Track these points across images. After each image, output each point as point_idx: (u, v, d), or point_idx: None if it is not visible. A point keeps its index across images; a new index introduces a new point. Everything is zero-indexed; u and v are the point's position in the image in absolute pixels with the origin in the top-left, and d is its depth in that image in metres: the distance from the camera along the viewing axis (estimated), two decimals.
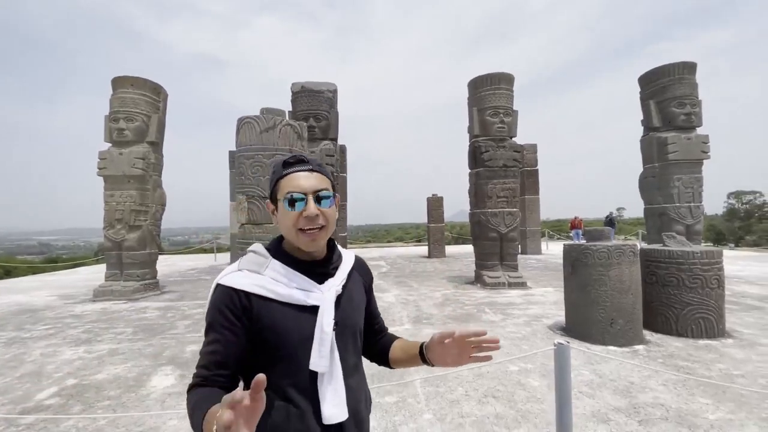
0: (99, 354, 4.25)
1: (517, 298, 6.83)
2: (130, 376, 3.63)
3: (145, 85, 8.15)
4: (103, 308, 6.71)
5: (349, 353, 1.00)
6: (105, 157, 7.80)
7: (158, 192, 8.40)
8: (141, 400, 3.12)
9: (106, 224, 7.84)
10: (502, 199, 8.11)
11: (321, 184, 0.95)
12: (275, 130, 4.04)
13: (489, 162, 8.06)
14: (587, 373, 3.50)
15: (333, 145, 8.24)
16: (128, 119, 7.85)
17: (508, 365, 3.67)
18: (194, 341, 4.65)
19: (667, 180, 8.29)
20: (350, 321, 1.02)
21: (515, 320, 5.35)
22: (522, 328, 4.94)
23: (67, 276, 11.69)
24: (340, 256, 1.08)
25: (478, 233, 8.40)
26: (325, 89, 8.24)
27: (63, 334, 5.10)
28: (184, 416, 2.83)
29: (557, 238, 24.37)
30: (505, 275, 8.03)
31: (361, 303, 1.09)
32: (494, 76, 8.14)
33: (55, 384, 3.47)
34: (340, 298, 1.00)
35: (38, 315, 6.28)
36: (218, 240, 20.72)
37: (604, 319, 4.22)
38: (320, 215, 0.93)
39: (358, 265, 1.13)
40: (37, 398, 3.19)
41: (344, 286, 1.02)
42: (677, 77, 8.26)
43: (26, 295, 8.21)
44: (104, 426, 2.72)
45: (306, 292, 0.94)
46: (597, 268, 4.27)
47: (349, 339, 1.01)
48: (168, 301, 7.28)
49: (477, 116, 8.25)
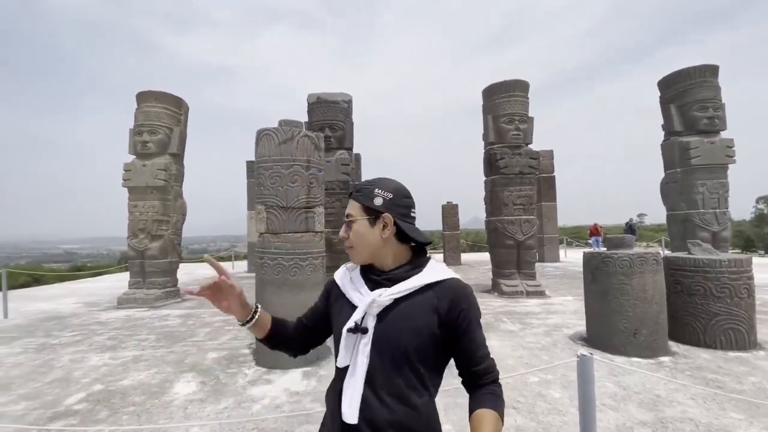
0: (124, 360, 4.37)
1: (536, 307, 6.71)
2: (154, 382, 3.72)
3: (168, 98, 8.44)
4: (127, 315, 6.90)
5: (386, 369, 0.98)
6: (129, 169, 8.08)
7: (179, 202, 8.64)
8: (164, 407, 3.19)
9: (129, 234, 8.09)
10: (519, 207, 8.02)
11: (349, 210, 1.10)
12: (293, 142, 4.12)
13: (505, 169, 8.01)
14: (611, 385, 3.41)
15: (348, 154, 8.33)
16: (151, 132, 8.13)
17: (529, 376, 3.61)
18: (214, 348, 4.73)
19: (691, 185, 8.05)
20: (391, 337, 0.99)
21: (534, 330, 5.26)
22: (542, 338, 4.85)
23: (92, 284, 12.06)
24: (413, 271, 1.06)
25: (494, 241, 8.32)
26: (340, 99, 8.36)
27: (89, 340, 5.26)
28: (207, 422, 2.89)
29: (576, 245, 23.86)
30: (523, 283, 7.91)
31: (421, 326, 1.00)
32: (509, 83, 8.12)
33: (82, 389, 3.58)
34: (388, 310, 1.02)
35: (65, 322, 6.50)
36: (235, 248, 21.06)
37: (626, 330, 4.11)
38: (346, 237, 1.09)
39: (444, 290, 1.02)
40: (66, 403, 3.29)
41: (400, 299, 1.02)
42: (699, 80, 8.07)
43: (54, 303, 8.51)
44: (130, 431, 2.79)
45: (358, 293, 1.08)
46: (618, 277, 4.17)
47: (387, 355, 0.98)
48: (188, 308, 7.43)
49: (492, 123, 8.23)
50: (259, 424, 2.85)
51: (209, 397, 3.37)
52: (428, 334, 0.99)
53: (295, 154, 4.17)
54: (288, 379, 3.74)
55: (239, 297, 1.10)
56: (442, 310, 1.00)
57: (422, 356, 0.99)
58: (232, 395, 3.39)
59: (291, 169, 4.15)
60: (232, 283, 1.08)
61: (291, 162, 4.16)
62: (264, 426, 2.83)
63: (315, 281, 4.25)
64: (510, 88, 8.11)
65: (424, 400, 0.99)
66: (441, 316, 0.99)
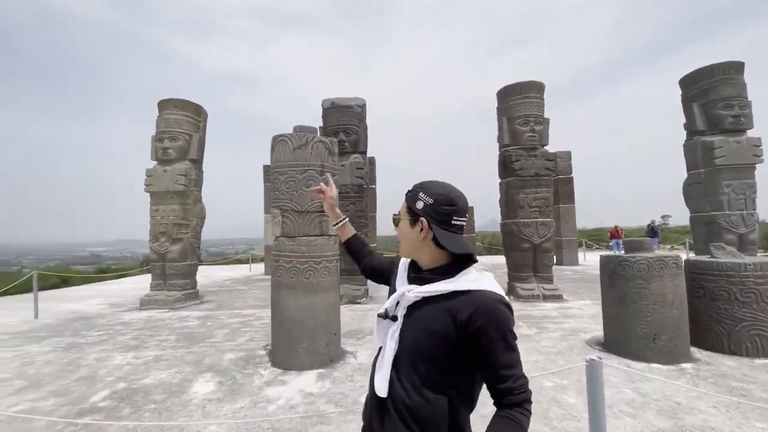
0: (146, 360, 4.52)
1: (553, 311, 6.61)
2: (174, 381, 3.84)
3: (187, 106, 8.70)
4: (149, 316, 7.12)
5: (407, 360, 1.07)
6: (151, 175, 8.36)
7: (198, 206, 8.87)
8: (184, 405, 3.29)
9: (151, 237, 8.36)
10: (535, 209, 7.92)
11: (399, 209, 1.21)
12: (307, 147, 4.21)
13: (520, 171, 7.93)
14: (628, 391, 3.34)
15: (362, 158, 8.41)
16: (172, 138, 8.39)
17: (543, 381, 3.56)
18: (231, 349, 4.85)
19: (716, 186, 7.79)
20: (413, 332, 1.08)
21: (550, 334, 5.18)
22: (557, 343, 4.78)
23: (116, 285, 12.49)
24: (444, 276, 1.08)
25: (510, 244, 8.24)
26: (354, 104, 8.45)
27: (114, 340, 5.46)
28: (224, 421, 2.97)
29: (596, 248, 23.30)
30: (540, 287, 7.80)
31: (437, 329, 1.03)
32: (524, 84, 8.05)
33: (107, 387, 3.73)
34: (417, 307, 1.10)
35: (92, 322, 6.76)
36: (252, 251, 21.42)
37: (646, 335, 4.01)
38: (398, 234, 1.21)
39: (468, 301, 1.02)
40: (92, 400, 3.44)
41: (429, 299, 1.08)
42: (723, 77, 7.81)
43: (81, 304, 8.85)
44: (151, 428, 2.90)
45: (400, 282, 1.21)
46: (637, 281, 4.08)
47: (409, 348, 1.08)
48: (207, 310, 7.61)
49: (506, 125, 8.17)
50: (274, 424, 2.91)
51: (226, 396, 3.46)
52: (442, 339, 1.01)
53: (309, 159, 4.25)
54: (303, 380, 3.80)
55: (332, 202, 1.64)
56: (460, 320, 1.00)
57: (435, 358, 1.03)
58: (249, 395, 3.47)
59: (305, 173, 4.23)
60: (332, 195, 1.65)
61: (305, 167, 4.24)
62: (279, 426, 2.88)
63: (329, 284, 4.31)
64: (525, 89, 8.04)
65: (438, 398, 1.03)
66: (458, 326, 1.00)
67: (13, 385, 3.85)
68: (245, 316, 6.90)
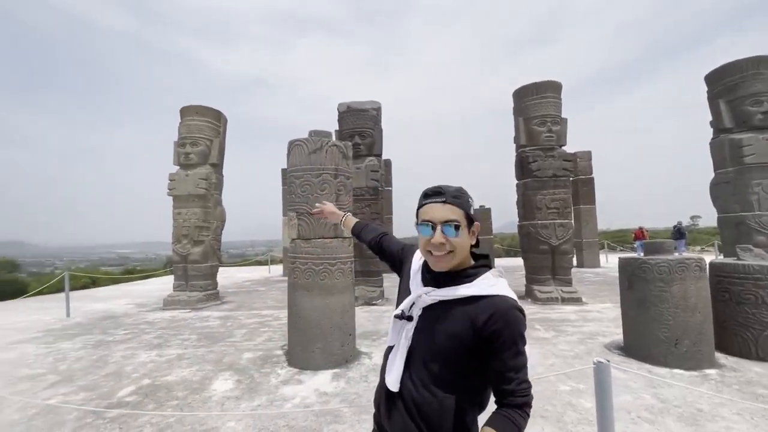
0: (168, 358, 4.69)
1: (572, 315, 6.49)
2: (195, 379, 3.98)
3: (208, 112, 8.98)
4: (172, 316, 7.37)
5: (420, 358, 1.12)
6: (174, 179, 8.66)
7: (219, 209, 9.13)
8: (204, 402, 3.41)
9: (174, 239, 8.65)
10: (553, 210, 7.80)
11: (450, 215, 1.09)
12: (322, 151, 4.29)
13: (537, 172, 7.83)
14: (648, 396, 3.26)
15: (378, 161, 8.47)
16: (193, 144, 8.67)
17: (559, 384, 3.52)
18: (250, 349, 4.97)
19: (745, 186, 7.46)
20: (429, 334, 1.11)
21: (568, 338, 5.09)
22: (575, 347, 4.70)
23: (142, 286, 12.95)
24: (465, 279, 1.11)
25: (527, 246, 8.13)
26: (369, 107, 8.53)
27: (139, 338, 5.68)
28: (242, 418, 3.06)
29: (620, 249, 22.63)
30: (558, 290, 7.66)
31: (455, 332, 1.06)
32: (540, 84, 7.95)
33: (133, 383, 3.89)
34: (433, 309, 1.12)
35: (119, 321, 7.05)
36: (272, 253, 21.80)
37: (667, 339, 3.90)
38: (447, 243, 1.08)
39: (486, 305, 1.05)
40: (119, 395, 3.60)
41: (445, 303, 1.10)
42: (751, 73, 7.49)
43: (108, 303, 9.23)
44: (173, 423, 3.02)
45: (415, 283, 1.21)
46: (657, 284, 3.98)
47: (422, 347, 1.11)
48: (227, 310, 7.82)
49: (523, 126, 8.08)
50: (289, 422, 2.98)
51: (244, 394, 3.56)
52: (460, 342, 1.05)
53: (324, 163, 4.34)
54: (318, 380, 3.87)
55: (332, 210, 1.89)
56: (478, 324, 1.03)
57: (448, 359, 1.07)
58: (266, 393, 3.56)
59: (320, 177, 4.32)
60: (331, 211, 1.90)
61: (320, 170, 4.32)
62: (294, 424, 2.96)
63: (344, 285, 4.37)
64: (541, 89, 7.94)
65: (446, 396, 1.07)
66: (476, 330, 1.03)
67: (48, 380, 4.07)
68: (263, 317, 7.05)
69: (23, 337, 5.98)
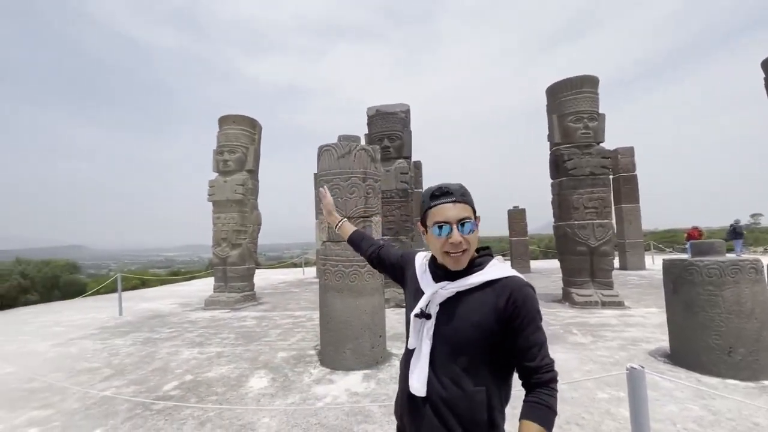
0: (209, 356, 4.94)
1: (612, 319, 6.17)
2: (233, 376, 4.16)
3: (244, 121, 9.39)
4: (212, 316, 7.74)
5: (445, 355, 1.10)
6: (213, 185, 9.11)
7: (255, 213, 9.50)
8: (241, 398, 3.57)
9: (214, 243, 9.09)
10: (591, 210, 7.46)
11: (463, 213, 1.11)
12: (351, 155, 4.37)
13: (573, 170, 7.53)
14: (696, 408, 3.05)
15: (407, 163, 8.48)
16: (231, 151, 9.09)
17: (596, 392, 3.37)
18: (284, 348, 5.13)
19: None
20: (451, 327, 1.10)
21: (608, 343, 4.86)
22: (616, 353, 4.47)
23: (186, 287, 13.69)
24: (475, 268, 1.14)
25: (564, 247, 7.83)
26: (398, 110, 8.57)
27: (182, 337, 6.02)
28: (276, 415, 3.17)
29: (669, 251, 21.20)
30: (598, 293, 7.31)
31: (479, 320, 1.07)
32: (575, 80, 7.65)
33: (176, 378, 4.14)
34: (451, 302, 1.13)
35: (165, 320, 7.50)
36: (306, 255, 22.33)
37: (718, 347, 3.63)
38: (463, 241, 1.10)
39: (503, 287, 1.08)
40: (164, 389, 3.84)
41: (462, 293, 1.11)
42: None
43: (156, 303, 9.84)
44: (213, 417, 3.18)
45: (424, 283, 1.21)
46: (706, 287, 3.71)
47: (448, 343, 1.10)
48: (263, 311, 8.10)
49: (557, 123, 7.80)
50: (321, 420, 3.06)
51: (279, 392, 3.69)
52: (485, 328, 1.06)
53: (352, 167, 4.42)
54: (349, 380, 3.93)
55: (330, 207, 1.83)
56: (500, 306, 1.06)
57: (478, 349, 1.07)
58: (299, 392, 3.67)
59: (349, 181, 4.40)
60: (329, 201, 1.84)
61: (349, 174, 4.40)
62: (326, 422, 3.03)
63: (373, 287, 4.42)
64: (576, 84, 7.63)
65: (477, 390, 1.07)
66: (499, 312, 1.06)
67: (103, 373, 4.41)
68: (297, 317, 7.25)
69: (82, 334, 6.51)
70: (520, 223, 14.97)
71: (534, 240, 23.97)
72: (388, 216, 8.01)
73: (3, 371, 4.54)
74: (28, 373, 4.38)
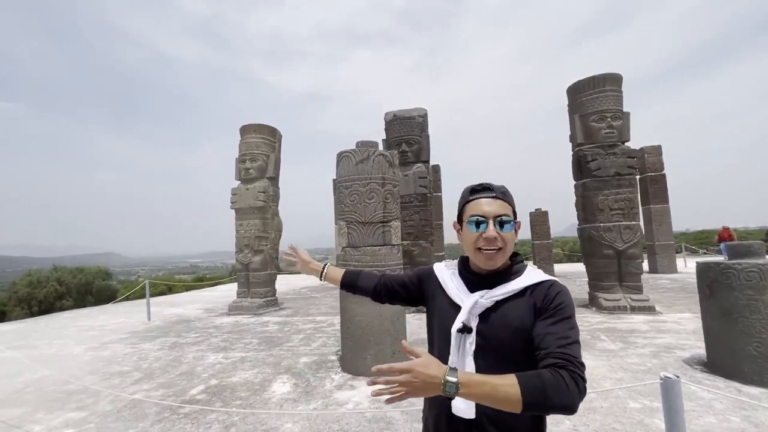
0: (233, 360, 5.03)
1: (642, 325, 5.93)
2: (256, 381, 4.22)
3: (265, 129, 9.59)
4: (236, 321, 7.89)
5: (490, 368, 0.99)
6: (236, 193, 9.33)
7: (276, 220, 9.66)
8: (264, 403, 3.61)
9: (237, 249, 9.29)
10: (617, 212, 7.22)
11: (502, 210, 1.08)
12: (369, 161, 4.40)
13: (597, 171, 7.32)
14: (737, 419, 2.88)
15: (425, 167, 8.45)
16: (252, 159, 9.30)
17: (628, 401, 3.23)
18: (306, 354, 5.17)
19: None
20: (494, 338, 1.04)
21: (639, 350, 4.66)
22: (647, 360, 4.29)
23: (210, 293, 14.02)
24: (513, 275, 1.11)
25: (589, 250, 7.59)
26: (415, 114, 8.57)
27: (207, 342, 6.16)
28: (298, 420, 3.19)
29: (703, 252, 20.24)
30: (626, 298, 7.05)
31: (520, 327, 1.03)
32: (597, 78, 7.45)
33: (202, 383, 4.23)
34: (490, 312, 1.07)
35: (190, 325, 7.69)
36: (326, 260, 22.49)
37: (760, 355, 3.42)
38: (499, 238, 1.06)
39: (540, 290, 1.06)
40: (191, 393, 3.93)
41: (501, 302, 1.07)
42: None
43: (182, 308, 10.13)
44: (237, 421, 3.23)
45: (459, 294, 1.14)
46: (745, 292, 3.52)
47: (491, 355, 1.03)
48: (285, 316, 8.20)
49: (579, 123, 7.61)
50: (343, 426, 3.05)
51: (301, 397, 3.71)
52: (528, 335, 1.01)
53: (371, 172, 4.43)
54: (371, 386, 3.91)
55: (305, 265, 1.61)
56: (539, 305, 1.03)
57: (524, 357, 1.01)
58: (321, 398, 3.68)
59: (368, 186, 4.42)
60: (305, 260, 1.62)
61: (367, 180, 4.42)
62: (348, 428, 3.02)
63: None
64: (599, 83, 7.44)
65: None
66: (537, 311, 1.03)
67: (133, 377, 4.56)
68: (318, 323, 7.30)
69: (114, 338, 6.76)
70: (542, 225, 14.65)
71: (557, 243, 23.41)
72: (407, 221, 7.99)
73: (41, 374, 4.76)
74: (64, 376, 4.57)
